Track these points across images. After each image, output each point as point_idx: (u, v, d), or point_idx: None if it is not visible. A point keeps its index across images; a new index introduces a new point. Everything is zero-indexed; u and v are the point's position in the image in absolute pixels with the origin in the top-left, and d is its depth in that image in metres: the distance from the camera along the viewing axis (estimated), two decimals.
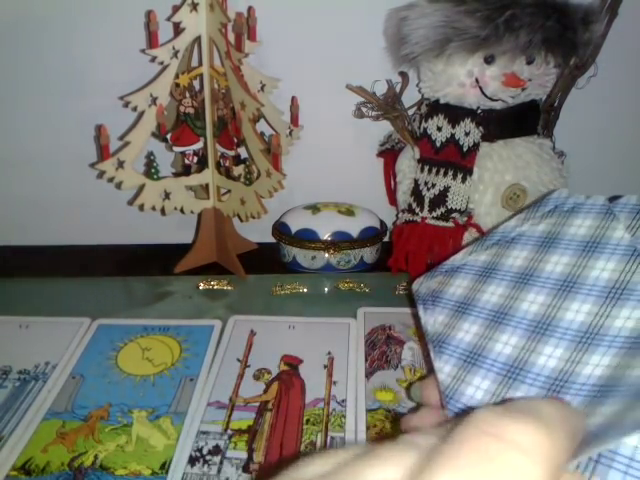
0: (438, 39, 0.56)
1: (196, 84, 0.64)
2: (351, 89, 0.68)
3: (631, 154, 0.78)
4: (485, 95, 0.60)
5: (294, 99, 0.68)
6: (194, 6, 0.59)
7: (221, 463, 0.43)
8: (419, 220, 0.65)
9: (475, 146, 0.62)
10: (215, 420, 0.47)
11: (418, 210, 0.65)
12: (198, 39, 0.62)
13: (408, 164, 0.68)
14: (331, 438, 0.45)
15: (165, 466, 0.43)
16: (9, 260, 0.74)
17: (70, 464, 0.43)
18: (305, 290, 0.66)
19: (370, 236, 0.70)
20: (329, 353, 0.55)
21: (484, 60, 0.59)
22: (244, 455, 0.44)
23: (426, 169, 0.65)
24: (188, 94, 0.63)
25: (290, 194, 0.69)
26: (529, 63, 0.59)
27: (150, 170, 0.64)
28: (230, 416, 0.48)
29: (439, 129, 0.64)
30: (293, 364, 0.54)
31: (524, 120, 0.64)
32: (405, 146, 0.69)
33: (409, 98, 0.69)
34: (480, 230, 0.62)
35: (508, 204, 0.62)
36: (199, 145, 0.66)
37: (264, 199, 0.62)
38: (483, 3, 0.55)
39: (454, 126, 0.63)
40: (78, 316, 0.60)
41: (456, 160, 0.63)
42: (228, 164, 0.66)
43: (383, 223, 0.73)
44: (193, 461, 0.43)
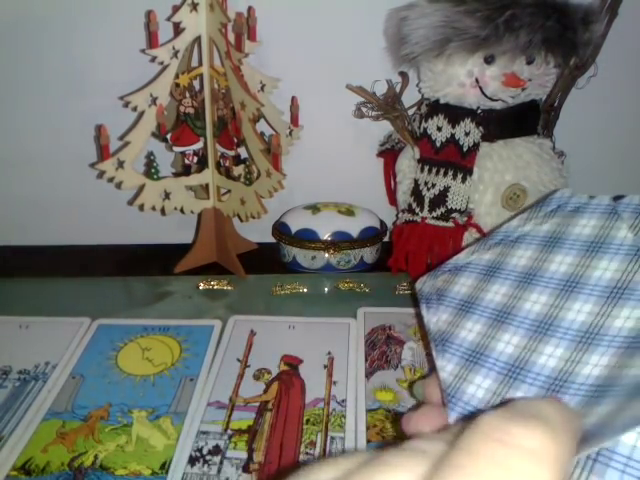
0: (438, 39, 0.56)
1: (196, 84, 0.64)
2: (351, 89, 0.68)
3: (631, 154, 0.77)
4: (485, 95, 0.60)
5: (294, 99, 0.68)
6: (194, 6, 0.59)
7: (221, 463, 0.43)
8: (419, 220, 0.65)
9: (475, 146, 0.62)
10: (215, 420, 0.47)
11: (418, 210, 0.65)
12: (198, 39, 0.62)
13: (408, 164, 0.68)
14: (331, 438, 0.45)
15: (165, 466, 0.43)
16: (9, 260, 0.74)
17: (70, 464, 0.43)
18: (305, 290, 0.66)
19: (370, 236, 0.70)
20: (329, 353, 0.55)
21: (484, 60, 0.59)
22: (244, 455, 0.44)
23: (426, 169, 0.65)
24: (188, 94, 0.63)
25: (290, 194, 0.69)
26: (529, 63, 0.59)
27: (150, 170, 0.64)
28: (230, 416, 0.48)
29: (439, 129, 0.64)
30: (293, 364, 0.54)
31: (524, 120, 0.64)
32: (405, 146, 0.68)
33: (409, 98, 0.69)
34: (480, 230, 0.62)
35: (508, 204, 0.62)
36: (199, 145, 0.66)
37: (264, 199, 0.62)
38: (483, 3, 0.55)
39: (454, 126, 0.63)
40: (78, 316, 0.60)
41: (456, 160, 0.63)
42: (228, 164, 0.66)
43: (383, 223, 0.73)
44: (193, 461, 0.43)
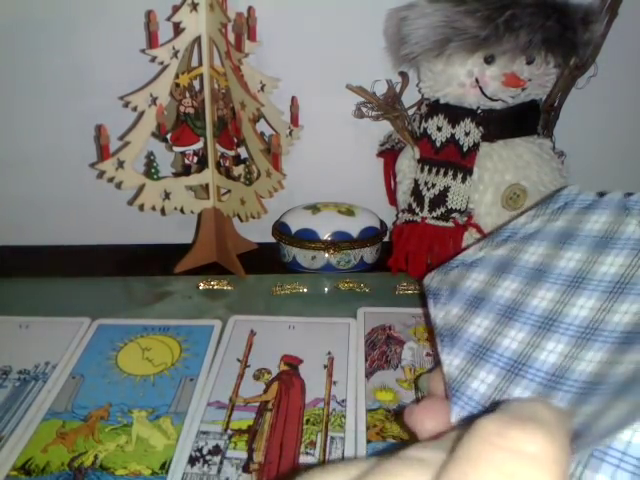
0: (438, 39, 0.56)
1: (196, 84, 0.64)
2: (351, 89, 0.68)
3: (631, 154, 0.77)
4: (485, 95, 0.60)
5: (294, 99, 0.68)
6: (194, 6, 0.59)
7: (221, 463, 0.43)
8: (419, 220, 0.65)
9: (475, 146, 0.62)
10: (215, 420, 0.47)
11: (418, 210, 0.65)
12: (198, 39, 0.62)
13: (408, 164, 0.68)
14: (331, 438, 0.45)
15: (165, 466, 0.43)
16: (9, 260, 0.74)
17: (70, 464, 0.43)
18: (305, 290, 0.66)
19: (370, 236, 0.70)
20: (329, 353, 0.55)
21: (484, 60, 0.59)
22: (244, 455, 0.44)
23: (426, 169, 0.65)
24: (188, 94, 0.63)
25: (290, 194, 0.69)
26: (529, 63, 0.59)
27: (150, 170, 0.64)
28: (230, 416, 0.48)
29: (439, 129, 0.64)
30: (293, 364, 0.54)
31: (524, 120, 0.64)
32: (405, 146, 0.68)
33: (409, 98, 0.69)
34: (480, 230, 0.62)
35: (508, 204, 0.62)
36: (199, 145, 0.66)
37: (264, 199, 0.62)
38: (483, 3, 0.55)
39: (454, 126, 0.63)
40: (78, 316, 0.60)
41: (456, 160, 0.63)
42: (228, 164, 0.66)
43: (383, 223, 0.73)
44: (193, 461, 0.43)
